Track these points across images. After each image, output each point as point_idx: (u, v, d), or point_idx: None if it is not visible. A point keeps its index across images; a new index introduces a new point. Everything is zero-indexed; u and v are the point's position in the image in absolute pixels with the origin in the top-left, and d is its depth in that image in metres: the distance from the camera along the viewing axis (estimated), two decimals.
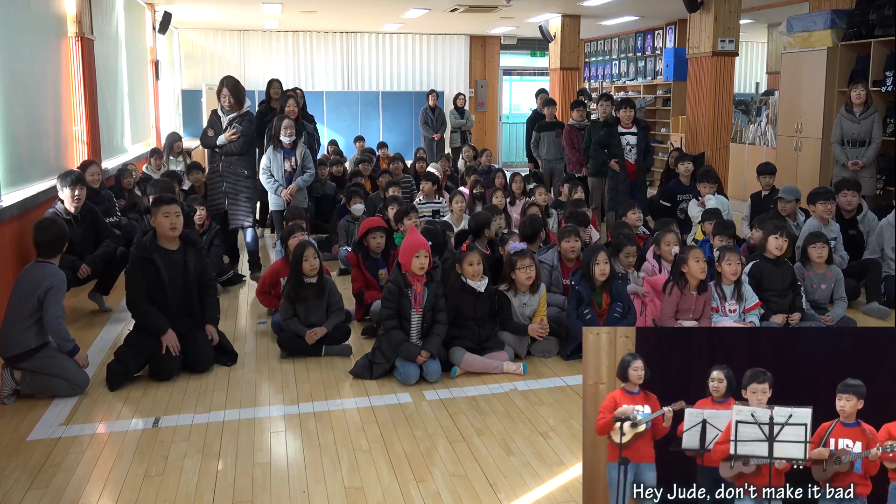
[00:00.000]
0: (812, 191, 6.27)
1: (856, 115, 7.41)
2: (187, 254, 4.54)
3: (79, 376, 4.17)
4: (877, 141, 7.35)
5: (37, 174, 6.36)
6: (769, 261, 5.10)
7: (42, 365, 4.09)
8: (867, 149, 7.36)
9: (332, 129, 15.63)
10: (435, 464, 3.38)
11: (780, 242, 5.06)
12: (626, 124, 7.99)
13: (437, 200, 7.95)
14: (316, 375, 4.48)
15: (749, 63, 17.10)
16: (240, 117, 6.43)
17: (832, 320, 5.22)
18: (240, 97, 6.45)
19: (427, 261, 4.42)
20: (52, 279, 4.11)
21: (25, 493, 3.14)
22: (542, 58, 17.87)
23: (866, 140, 7.35)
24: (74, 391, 4.13)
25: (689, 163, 7.86)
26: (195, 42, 15.69)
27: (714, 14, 9.73)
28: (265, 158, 7.61)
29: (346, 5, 12.24)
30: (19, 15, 6.21)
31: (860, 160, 7.34)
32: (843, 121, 7.52)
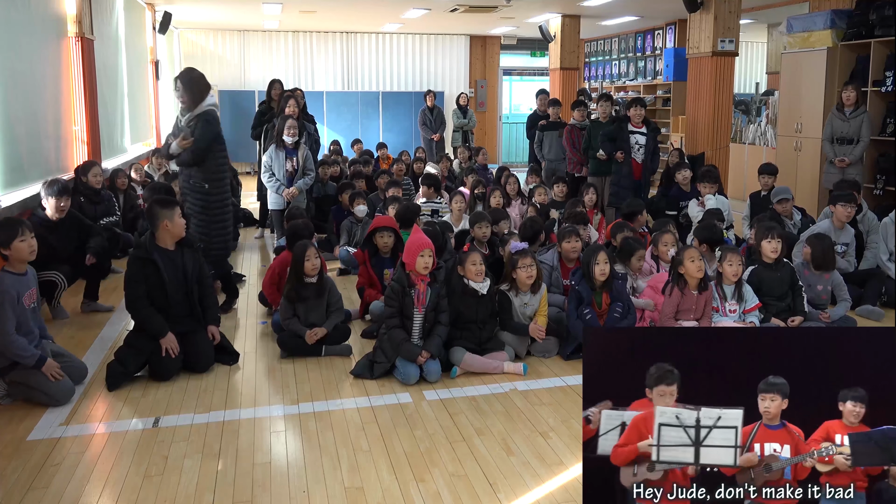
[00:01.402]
0: (835, 192, 6.29)
1: (846, 114, 7.73)
2: (184, 254, 4.54)
3: (58, 390, 3.98)
4: (865, 140, 7.66)
5: (37, 174, 6.37)
6: (767, 266, 5.07)
7: (22, 377, 3.97)
8: (855, 147, 7.68)
9: (332, 129, 15.64)
10: (435, 464, 3.38)
11: (774, 245, 5.01)
12: (637, 123, 7.98)
13: (436, 200, 7.95)
14: (316, 375, 4.48)
15: (749, 63, 17.11)
16: (196, 119, 5.31)
17: (829, 317, 5.22)
18: (195, 93, 5.34)
19: (431, 260, 4.43)
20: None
21: (25, 493, 3.13)
22: (542, 58, 17.88)
23: (855, 138, 7.68)
24: (57, 404, 3.97)
25: (686, 170, 7.88)
26: (195, 42, 15.70)
27: (714, 14, 9.74)
28: (266, 157, 7.63)
29: (346, 5, 12.25)
30: (19, 15, 6.21)
31: (847, 157, 7.66)
32: (834, 119, 7.84)
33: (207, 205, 5.38)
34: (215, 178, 5.39)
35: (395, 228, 5.69)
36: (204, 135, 5.26)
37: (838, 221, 6.00)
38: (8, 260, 4.03)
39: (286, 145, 7.50)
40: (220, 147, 5.43)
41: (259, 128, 8.51)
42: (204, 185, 5.35)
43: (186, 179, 5.40)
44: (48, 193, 5.38)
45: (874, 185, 8.19)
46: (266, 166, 7.59)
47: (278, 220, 7.69)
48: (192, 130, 5.25)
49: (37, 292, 4.19)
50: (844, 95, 7.73)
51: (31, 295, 4.08)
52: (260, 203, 8.85)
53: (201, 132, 5.25)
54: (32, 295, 4.10)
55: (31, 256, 4.08)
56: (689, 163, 9.55)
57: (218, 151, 5.40)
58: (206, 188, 5.36)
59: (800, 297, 5.08)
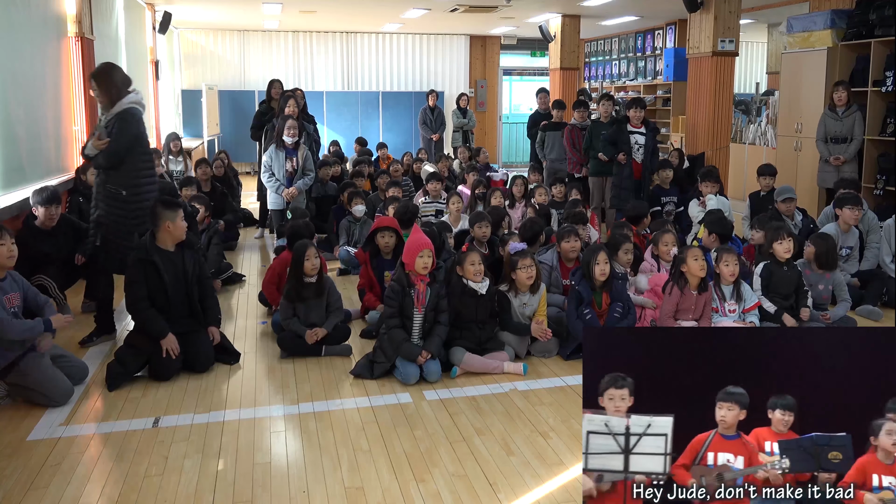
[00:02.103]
0: (840, 195, 6.27)
1: (838, 113, 7.87)
2: (185, 255, 4.54)
3: (57, 391, 3.99)
4: (858, 138, 7.82)
5: (37, 174, 6.37)
6: (779, 263, 5.11)
7: (21, 379, 3.98)
8: (849, 145, 7.84)
9: (332, 129, 15.64)
10: (435, 464, 3.38)
11: (787, 244, 5.06)
12: (636, 124, 7.99)
13: (440, 201, 7.95)
14: (316, 375, 4.48)
15: (749, 63, 17.11)
16: (115, 118, 4.69)
17: (829, 318, 5.23)
18: (112, 91, 4.71)
19: (430, 260, 4.44)
20: None
21: (25, 493, 3.14)
22: (542, 58, 17.87)
23: (848, 137, 7.84)
24: (56, 405, 3.98)
25: (669, 170, 7.92)
26: (195, 42, 15.70)
27: (714, 14, 9.73)
28: (266, 157, 7.63)
29: (346, 5, 12.25)
30: (19, 15, 6.21)
31: (842, 156, 7.82)
32: (827, 119, 7.99)
33: (124, 214, 4.71)
34: (134, 183, 4.73)
35: (397, 229, 5.69)
36: (121, 135, 4.62)
37: (845, 224, 6.01)
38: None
39: (286, 145, 7.50)
40: (142, 150, 4.80)
41: (259, 128, 8.51)
42: (121, 191, 4.69)
43: (102, 184, 4.74)
44: (37, 202, 5.32)
45: (874, 185, 8.19)
46: (266, 166, 7.59)
47: (278, 219, 7.70)
48: (109, 131, 4.67)
49: (19, 298, 4.09)
50: (836, 96, 7.88)
51: (10, 299, 4.01)
52: (260, 203, 8.86)
53: (118, 132, 4.63)
54: (12, 300, 4.03)
55: (8, 262, 4.01)
56: (689, 163, 9.59)
57: (139, 154, 4.76)
58: (124, 195, 4.70)
59: (803, 300, 5.10)
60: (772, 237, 5.15)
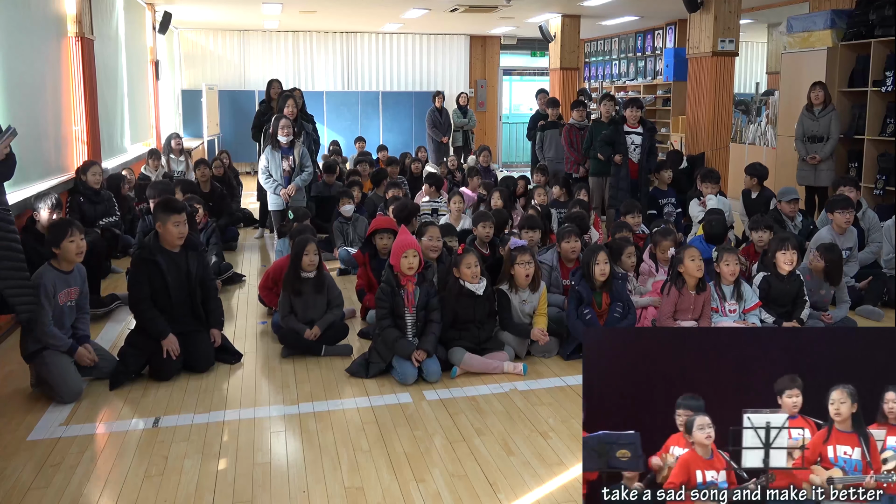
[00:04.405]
0: (832, 198, 6.19)
1: (815, 113, 7.92)
2: (188, 256, 4.54)
3: (66, 390, 4.03)
4: (833, 137, 7.83)
5: (37, 174, 6.37)
6: (779, 276, 4.98)
7: (41, 369, 4.08)
8: (825, 144, 7.87)
9: (332, 129, 15.64)
10: (435, 464, 3.38)
11: (790, 256, 4.91)
12: (633, 124, 7.99)
13: (437, 200, 7.97)
14: (316, 375, 4.48)
15: (749, 63, 17.12)
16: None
17: (831, 318, 5.22)
18: None
19: (416, 261, 4.43)
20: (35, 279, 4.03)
21: (25, 493, 3.14)
22: (542, 58, 17.88)
23: (824, 136, 7.87)
24: (61, 401, 4.02)
25: (668, 171, 7.92)
26: (195, 42, 15.70)
27: (714, 14, 9.73)
28: (263, 158, 7.64)
29: (346, 5, 12.25)
30: (19, 15, 6.21)
31: (818, 154, 7.86)
32: (804, 119, 8.04)
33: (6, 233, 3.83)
34: None
35: (395, 230, 5.68)
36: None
37: (838, 228, 5.94)
38: (57, 258, 4.15)
39: (281, 145, 7.51)
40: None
41: (259, 128, 8.51)
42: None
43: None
44: (40, 205, 5.39)
45: (874, 185, 8.19)
46: (263, 168, 7.60)
47: (277, 220, 7.70)
48: None
49: (77, 293, 4.24)
50: (812, 95, 7.93)
51: (68, 293, 4.16)
52: (260, 203, 8.86)
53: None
54: (70, 293, 4.18)
55: (77, 258, 4.19)
56: (689, 163, 9.58)
57: None
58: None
59: (800, 310, 5.01)
60: (776, 246, 4.99)
